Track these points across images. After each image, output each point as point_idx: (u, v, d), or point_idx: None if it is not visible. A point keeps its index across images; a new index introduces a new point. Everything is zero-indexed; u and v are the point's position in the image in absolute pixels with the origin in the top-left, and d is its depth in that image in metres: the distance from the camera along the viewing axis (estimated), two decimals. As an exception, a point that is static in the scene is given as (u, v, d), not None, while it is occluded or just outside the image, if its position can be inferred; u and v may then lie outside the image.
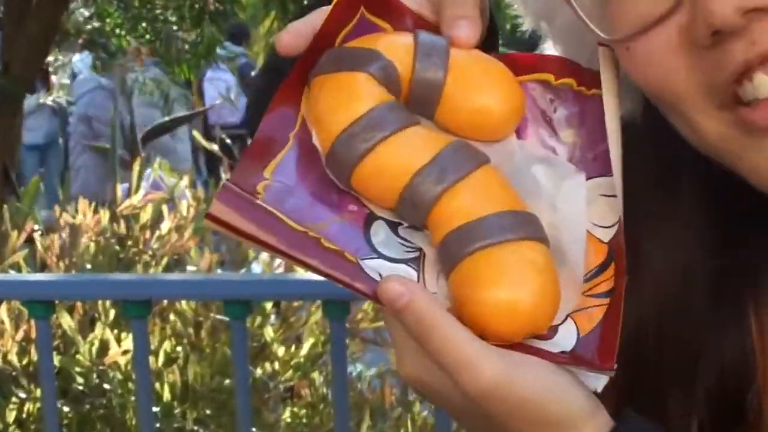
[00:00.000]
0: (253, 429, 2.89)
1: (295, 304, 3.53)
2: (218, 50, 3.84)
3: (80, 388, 3.09)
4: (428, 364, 0.74)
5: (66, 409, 3.05)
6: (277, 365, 3.35)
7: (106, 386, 3.12)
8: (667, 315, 0.88)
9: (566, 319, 0.74)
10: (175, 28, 3.50)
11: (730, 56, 0.73)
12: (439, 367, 0.72)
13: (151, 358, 3.10)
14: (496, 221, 0.71)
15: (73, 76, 9.91)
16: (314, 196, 0.76)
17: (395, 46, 0.78)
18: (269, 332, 3.46)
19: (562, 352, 0.73)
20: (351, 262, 0.74)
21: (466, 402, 0.74)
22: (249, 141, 4.01)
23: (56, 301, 2.82)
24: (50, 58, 4.90)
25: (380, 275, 0.73)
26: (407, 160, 0.72)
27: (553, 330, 0.73)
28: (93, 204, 3.53)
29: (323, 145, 0.74)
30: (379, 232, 0.76)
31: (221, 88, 9.33)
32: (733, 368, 0.84)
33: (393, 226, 0.76)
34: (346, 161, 0.74)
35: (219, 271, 3.80)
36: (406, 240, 0.76)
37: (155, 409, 2.94)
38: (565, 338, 0.73)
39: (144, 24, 3.58)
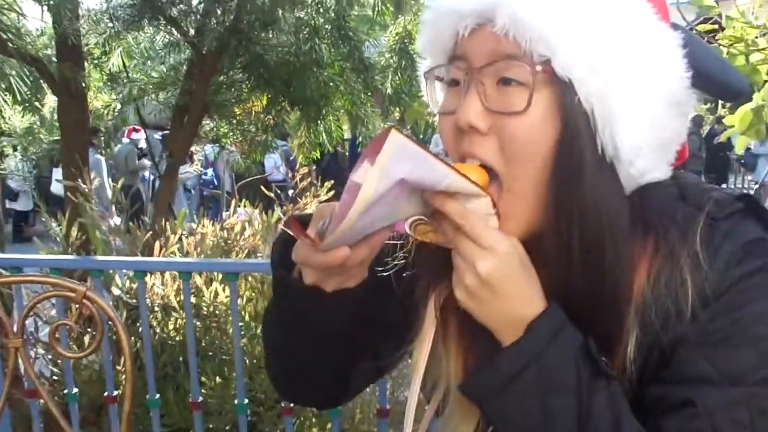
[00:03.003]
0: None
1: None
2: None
3: (204, 312, 3.42)
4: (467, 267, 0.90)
5: (198, 323, 3.37)
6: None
7: (217, 312, 3.43)
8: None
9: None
10: (253, 132, 4.24)
11: (460, 146, 0.94)
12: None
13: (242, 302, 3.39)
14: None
15: (205, 157, 12.20)
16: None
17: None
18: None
19: None
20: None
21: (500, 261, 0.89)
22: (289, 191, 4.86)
23: (192, 272, 3.19)
24: (193, 148, 5.44)
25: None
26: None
27: None
28: (211, 221, 3.98)
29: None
30: None
31: (271, 162, 11.85)
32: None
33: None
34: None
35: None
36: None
37: (240, 324, 3.09)
38: None
39: (238, 131, 4.32)
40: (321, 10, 3.85)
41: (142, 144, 11.14)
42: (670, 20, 0.97)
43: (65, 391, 2.89)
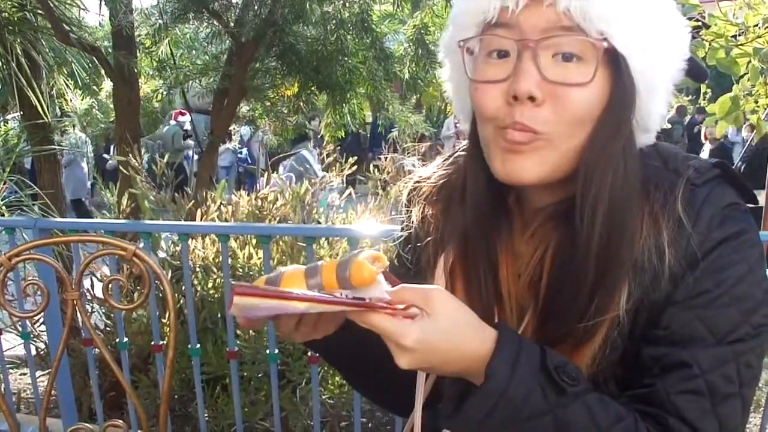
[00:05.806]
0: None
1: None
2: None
3: (240, 272, 3.34)
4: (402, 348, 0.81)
5: (234, 282, 3.25)
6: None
7: (251, 273, 3.35)
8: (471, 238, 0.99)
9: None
10: (285, 113, 4.22)
11: (513, 111, 0.88)
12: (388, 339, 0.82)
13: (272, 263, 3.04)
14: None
15: (240, 137, 12.48)
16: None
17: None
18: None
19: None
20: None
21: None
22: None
23: (230, 235, 3.01)
24: (232, 127, 5.42)
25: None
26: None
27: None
28: (246, 192, 3.91)
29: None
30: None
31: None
32: (492, 270, 0.97)
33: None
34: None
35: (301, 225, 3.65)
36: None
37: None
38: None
39: (272, 113, 4.30)
40: (346, 5, 3.82)
41: (188, 126, 11.22)
42: None
43: (117, 341, 2.88)
